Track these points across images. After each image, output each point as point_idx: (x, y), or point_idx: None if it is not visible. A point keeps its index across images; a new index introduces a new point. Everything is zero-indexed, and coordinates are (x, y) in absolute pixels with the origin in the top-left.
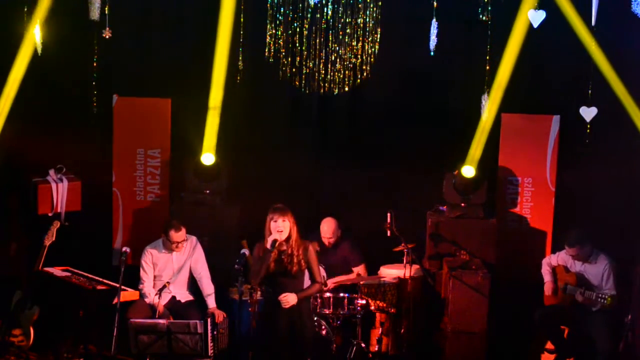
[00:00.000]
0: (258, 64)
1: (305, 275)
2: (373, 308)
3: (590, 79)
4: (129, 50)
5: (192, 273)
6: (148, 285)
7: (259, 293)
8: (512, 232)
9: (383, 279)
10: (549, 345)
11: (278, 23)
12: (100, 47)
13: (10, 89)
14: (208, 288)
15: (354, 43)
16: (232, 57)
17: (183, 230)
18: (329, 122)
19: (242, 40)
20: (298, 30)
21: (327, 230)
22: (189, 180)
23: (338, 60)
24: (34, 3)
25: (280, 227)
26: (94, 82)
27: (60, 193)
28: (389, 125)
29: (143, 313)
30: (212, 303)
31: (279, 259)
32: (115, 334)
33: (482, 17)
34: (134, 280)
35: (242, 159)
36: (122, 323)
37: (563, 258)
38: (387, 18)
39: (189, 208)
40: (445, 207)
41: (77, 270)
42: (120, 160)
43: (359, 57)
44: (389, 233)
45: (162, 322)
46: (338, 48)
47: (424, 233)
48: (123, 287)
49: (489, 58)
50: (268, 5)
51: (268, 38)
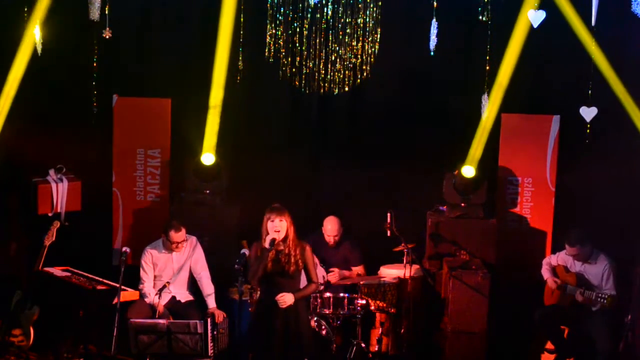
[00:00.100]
0: (258, 64)
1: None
2: (373, 308)
3: (590, 79)
4: (129, 50)
5: (192, 273)
6: (148, 285)
7: (259, 293)
8: (512, 232)
9: (383, 279)
10: (549, 345)
11: (278, 23)
12: (100, 47)
13: (10, 89)
14: (208, 288)
15: (354, 43)
16: (232, 57)
17: (183, 231)
18: (329, 122)
19: (242, 40)
20: (298, 30)
21: (331, 229)
22: (189, 180)
23: (338, 60)
24: (34, 3)
25: (278, 227)
26: (94, 82)
27: (60, 193)
28: (389, 125)
29: (143, 313)
30: (212, 303)
31: (277, 259)
32: (115, 334)
33: (482, 17)
34: (134, 280)
35: (242, 159)
36: (122, 323)
37: (563, 258)
38: (387, 18)
39: (189, 208)
40: (445, 207)
41: (77, 270)
42: (120, 160)
43: (359, 57)
44: (389, 233)
45: (162, 322)
46: (338, 48)
47: (424, 233)
48: (123, 287)
49: (489, 58)
50: (268, 5)
51: (268, 38)
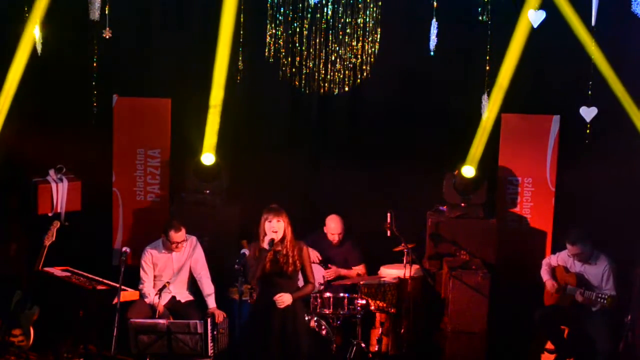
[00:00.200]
0: (258, 64)
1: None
2: (373, 308)
3: (590, 79)
4: (129, 50)
5: (192, 273)
6: (148, 285)
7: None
8: (512, 232)
9: (383, 279)
10: (549, 345)
11: (278, 23)
12: (100, 47)
13: (10, 89)
14: (208, 288)
15: (354, 43)
16: (232, 57)
17: (183, 231)
18: (329, 122)
19: (242, 40)
20: (298, 30)
21: (335, 227)
22: (189, 180)
23: (338, 60)
24: (34, 3)
25: (275, 227)
26: (94, 82)
27: (60, 193)
28: (389, 125)
29: (143, 313)
30: (212, 303)
31: (275, 259)
32: (115, 334)
33: (482, 17)
34: (134, 280)
35: (242, 159)
36: (122, 323)
37: (563, 258)
38: (387, 18)
39: (189, 208)
40: (445, 207)
41: (77, 270)
42: (120, 160)
43: (359, 57)
44: (389, 233)
45: (162, 322)
46: (338, 48)
47: (424, 233)
48: (123, 287)
49: (489, 58)
50: (268, 5)
51: (268, 38)
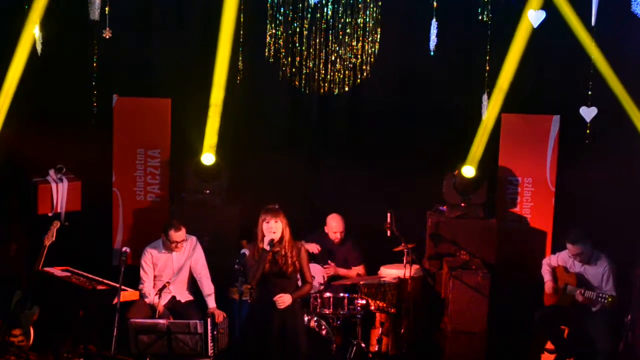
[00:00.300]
0: (258, 64)
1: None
2: (373, 308)
3: (590, 79)
4: (129, 50)
5: (192, 273)
6: (148, 285)
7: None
8: (512, 232)
9: (383, 279)
10: (549, 345)
11: (278, 23)
12: (100, 47)
13: (10, 89)
14: (208, 288)
15: (354, 43)
16: (232, 57)
17: (183, 230)
18: (329, 122)
19: (242, 40)
20: (298, 30)
21: (337, 225)
22: (189, 180)
23: (338, 60)
24: (34, 3)
25: (273, 228)
26: (94, 82)
27: (60, 193)
28: (389, 125)
29: (143, 313)
30: (212, 303)
31: (274, 260)
32: (115, 334)
33: (482, 17)
34: (134, 280)
35: (242, 159)
36: (122, 323)
37: (563, 258)
38: (387, 18)
39: (189, 208)
40: (445, 207)
41: (77, 270)
42: (120, 160)
43: (359, 57)
44: (389, 233)
45: (162, 322)
46: (338, 48)
47: (424, 233)
48: (123, 287)
49: (489, 58)
50: (268, 5)
51: (268, 38)
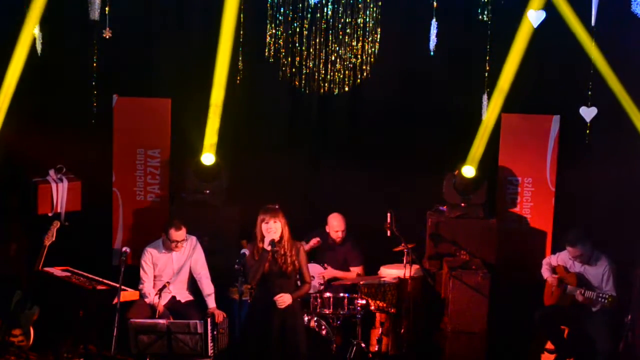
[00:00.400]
0: (258, 64)
1: None
2: (373, 308)
3: (590, 79)
4: (129, 50)
5: (192, 273)
6: (148, 285)
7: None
8: (512, 232)
9: (383, 279)
10: (549, 345)
11: (278, 23)
12: (100, 47)
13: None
14: (208, 288)
15: (354, 43)
16: (232, 57)
17: (183, 230)
18: (329, 122)
19: (242, 40)
20: (298, 30)
21: (338, 224)
22: (189, 180)
23: (338, 60)
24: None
25: (272, 228)
26: (94, 82)
27: (60, 193)
28: (389, 125)
29: (143, 313)
30: (212, 303)
31: (274, 260)
32: (115, 334)
33: (482, 17)
34: (134, 280)
35: (242, 159)
36: (122, 323)
37: (563, 258)
38: (387, 18)
39: (189, 208)
40: (445, 207)
41: (77, 270)
42: (120, 160)
43: (359, 57)
44: (389, 233)
45: (162, 322)
46: (338, 48)
47: (424, 233)
48: (123, 287)
49: (489, 58)
50: (268, 5)
51: (268, 38)
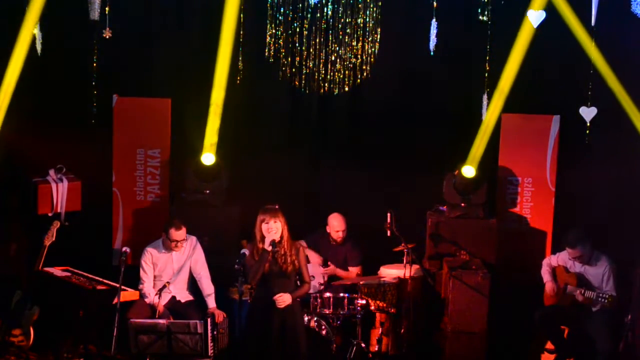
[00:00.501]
0: (258, 64)
1: None
2: (373, 308)
3: (590, 79)
4: (129, 50)
5: (192, 273)
6: (148, 285)
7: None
8: (512, 232)
9: (383, 279)
10: (549, 345)
11: (278, 23)
12: (100, 47)
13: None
14: (208, 288)
15: (354, 43)
16: (232, 57)
17: (183, 230)
18: (329, 122)
19: (242, 40)
20: (298, 30)
21: (338, 224)
22: (189, 180)
23: (338, 60)
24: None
25: (273, 228)
26: (94, 82)
27: (60, 193)
28: (389, 125)
29: (143, 313)
30: (212, 303)
31: (273, 260)
32: (115, 334)
33: (482, 17)
34: (134, 280)
35: (242, 159)
36: (122, 323)
37: (563, 259)
38: (387, 18)
39: (189, 208)
40: (445, 207)
41: (77, 270)
42: (120, 160)
43: (359, 57)
44: (389, 233)
45: (162, 322)
46: (338, 48)
47: (424, 233)
48: (123, 287)
49: (489, 58)
50: (268, 5)
51: (268, 38)
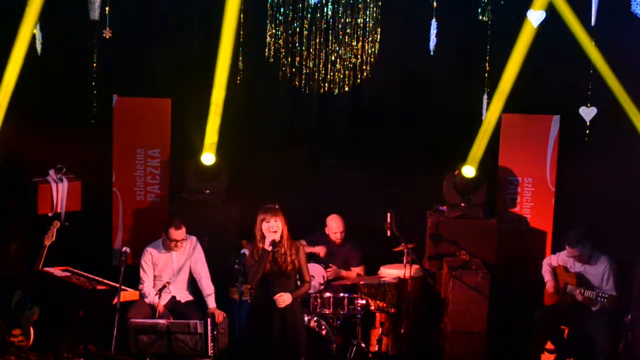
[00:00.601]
0: (258, 64)
1: None
2: (373, 308)
3: (590, 79)
4: (129, 50)
5: (192, 273)
6: (148, 285)
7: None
8: (512, 232)
9: (383, 279)
10: (549, 345)
11: (278, 23)
12: (100, 47)
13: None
14: (208, 288)
15: (354, 43)
16: (232, 57)
17: (183, 229)
18: (329, 122)
19: (242, 40)
20: (298, 30)
21: (337, 226)
22: (189, 180)
23: (338, 60)
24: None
25: (274, 227)
26: (94, 82)
27: (60, 193)
28: (389, 125)
29: (143, 313)
30: (212, 303)
31: (273, 259)
32: (115, 334)
33: (482, 17)
34: (134, 280)
35: (242, 159)
36: (122, 323)
37: (563, 258)
38: (387, 18)
39: (189, 208)
40: (445, 207)
41: (77, 270)
42: (120, 160)
43: (359, 57)
44: (389, 233)
45: (162, 322)
46: (338, 48)
47: (424, 233)
48: (123, 287)
49: (489, 58)
50: (268, 5)
51: (268, 38)
